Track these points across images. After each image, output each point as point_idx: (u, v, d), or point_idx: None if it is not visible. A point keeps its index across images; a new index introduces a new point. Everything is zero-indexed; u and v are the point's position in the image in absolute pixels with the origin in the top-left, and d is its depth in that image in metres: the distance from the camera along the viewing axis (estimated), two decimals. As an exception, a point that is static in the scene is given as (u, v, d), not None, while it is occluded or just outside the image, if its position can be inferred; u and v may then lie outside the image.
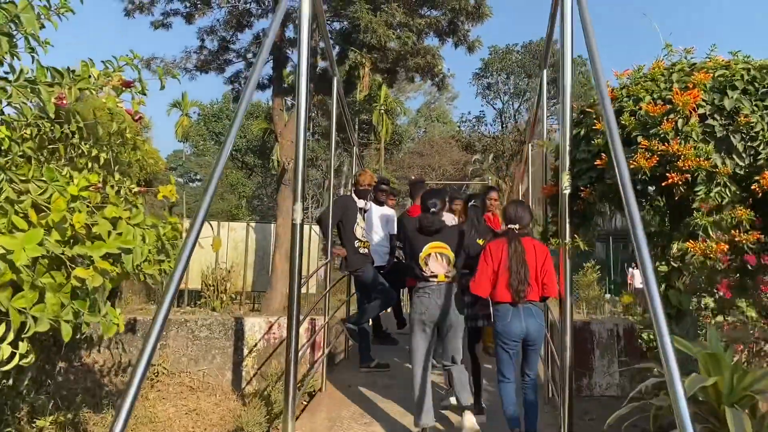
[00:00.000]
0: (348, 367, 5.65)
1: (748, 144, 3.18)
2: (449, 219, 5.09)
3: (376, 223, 6.03)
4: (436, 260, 4.07)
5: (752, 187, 3.15)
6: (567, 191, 3.56)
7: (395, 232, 6.05)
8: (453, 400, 4.32)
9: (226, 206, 39.09)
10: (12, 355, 2.35)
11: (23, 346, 2.34)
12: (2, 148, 2.59)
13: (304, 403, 4.88)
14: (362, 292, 5.80)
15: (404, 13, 12.77)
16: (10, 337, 2.29)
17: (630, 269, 22.05)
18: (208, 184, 2.44)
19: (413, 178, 21.58)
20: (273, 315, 5.63)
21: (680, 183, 3.18)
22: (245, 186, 40.04)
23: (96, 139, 3.32)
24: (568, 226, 3.56)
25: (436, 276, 4.05)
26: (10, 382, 4.42)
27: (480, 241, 4.45)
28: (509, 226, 3.97)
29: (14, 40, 2.59)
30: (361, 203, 5.88)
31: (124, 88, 2.87)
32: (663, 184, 3.22)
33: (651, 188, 3.41)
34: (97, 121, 3.21)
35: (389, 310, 6.87)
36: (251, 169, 34.82)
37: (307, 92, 3.59)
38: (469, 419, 3.95)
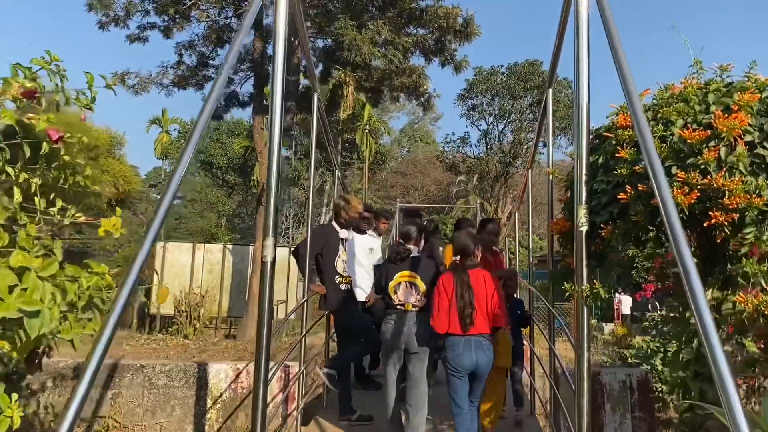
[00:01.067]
0: (326, 417, 5.01)
1: (808, 178, 2.68)
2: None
3: (358, 255, 5.44)
4: (406, 289, 4.16)
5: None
6: (584, 228, 3.02)
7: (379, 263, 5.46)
8: None
9: (205, 224, 38.20)
10: None
11: None
12: None
13: (276, 464, 4.26)
14: (343, 333, 5.17)
15: (390, 31, 12.34)
16: None
17: (617, 294, 21.62)
18: (152, 221, 1.89)
19: (408, 206, 20.93)
20: (241, 360, 4.99)
21: (726, 223, 2.66)
22: (225, 204, 39.27)
23: (25, 161, 2.73)
24: (585, 268, 3.03)
25: (403, 304, 4.14)
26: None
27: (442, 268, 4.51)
28: (454, 258, 4.10)
29: None
30: (343, 233, 5.28)
31: (24, 99, 2.25)
32: (705, 224, 2.70)
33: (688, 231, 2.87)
34: (21, 138, 2.61)
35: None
36: (232, 187, 34.09)
37: (281, 122, 3.16)
38: None
